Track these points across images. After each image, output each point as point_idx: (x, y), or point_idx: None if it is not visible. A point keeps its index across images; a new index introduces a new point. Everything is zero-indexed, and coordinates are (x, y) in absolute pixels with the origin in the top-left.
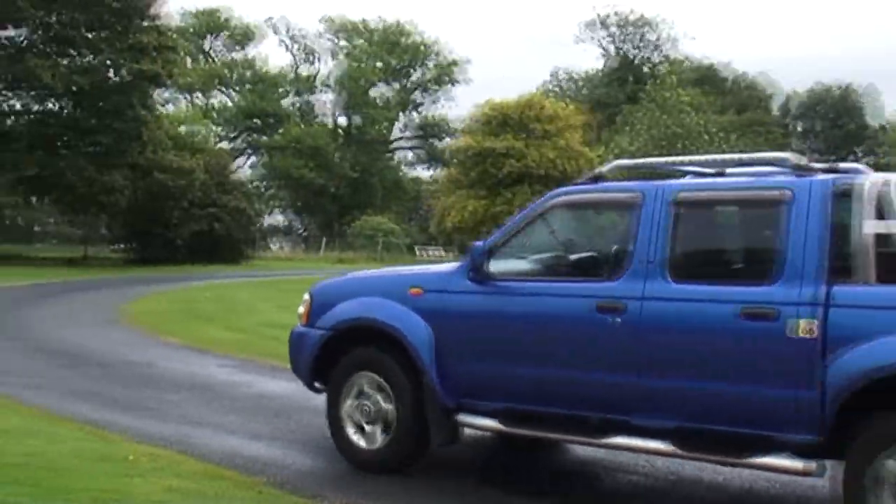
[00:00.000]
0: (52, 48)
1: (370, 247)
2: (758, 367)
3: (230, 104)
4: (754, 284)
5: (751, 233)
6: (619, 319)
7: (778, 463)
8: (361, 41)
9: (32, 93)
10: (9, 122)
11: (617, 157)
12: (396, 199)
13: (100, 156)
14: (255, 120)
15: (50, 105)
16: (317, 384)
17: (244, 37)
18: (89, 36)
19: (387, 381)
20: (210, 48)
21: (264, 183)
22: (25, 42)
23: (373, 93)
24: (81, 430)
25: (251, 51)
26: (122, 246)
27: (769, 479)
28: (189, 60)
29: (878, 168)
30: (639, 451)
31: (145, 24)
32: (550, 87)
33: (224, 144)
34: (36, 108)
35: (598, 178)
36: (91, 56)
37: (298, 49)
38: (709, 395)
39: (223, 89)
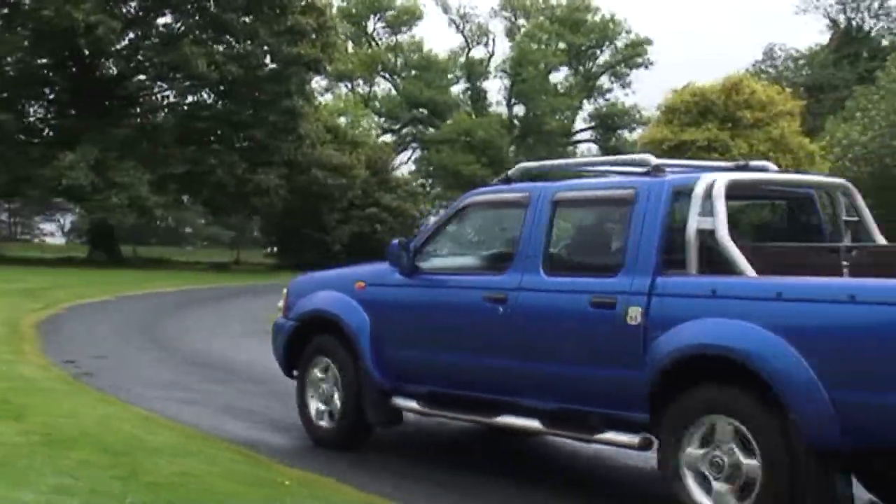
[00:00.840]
0: (207, 34)
1: None
2: (603, 351)
3: (393, 92)
4: (603, 276)
5: (605, 229)
6: (501, 309)
7: (616, 438)
8: (542, 19)
9: (186, 83)
10: (160, 115)
11: (844, 148)
12: None
13: (253, 152)
14: (420, 110)
15: (203, 95)
16: (295, 372)
17: (410, 17)
18: (246, 20)
19: (335, 365)
20: (373, 30)
21: (429, 181)
22: (182, 28)
23: (553, 78)
24: (234, 451)
25: (417, 33)
26: (274, 250)
27: None
28: (350, 45)
29: None
30: (517, 429)
31: (303, 2)
32: (763, 67)
33: (386, 137)
34: (189, 99)
35: (508, 180)
36: (247, 41)
37: (469, 30)
38: (570, 379)
39: (386, 76)
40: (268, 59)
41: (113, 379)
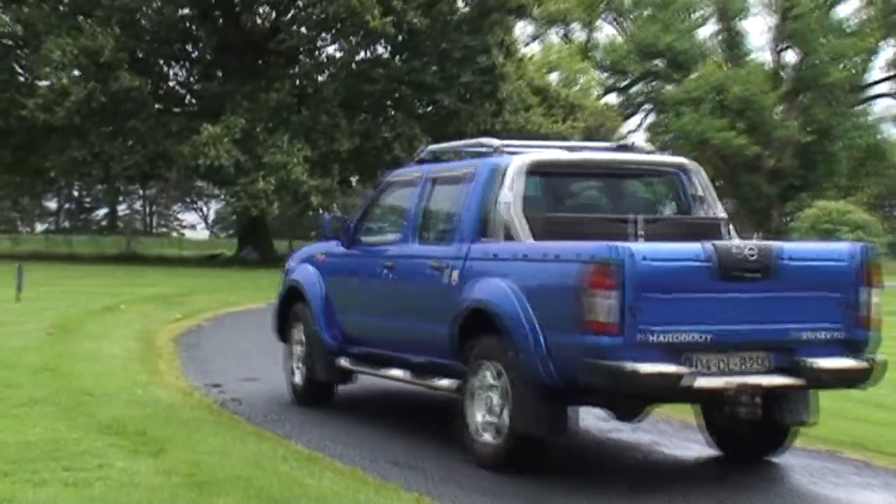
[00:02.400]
0: None
1: None
2: (438, 309)
3: (620, 39)
4: (443, 244)
5: (454, 203)
6: (390, 275)
7: (443, 384)
8: None
9: (356, 36)
10: (323, 76)
11: None
12: (873, 176)
13: (439, 121)
14: (655, 61)
15: (377, 51)
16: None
17: None
18: None
19: (302, 330)
20: None
21: (669, 153)
22: None
23: (838, 12)
24: (414, 501)
25: None
26: None
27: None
28: None
29: None
30: (397, 380)
31: None
32: None
33: (610, 98)
34: (360, 56)
35: (421, 161)
36: None
37: None
38: (424, 334)
39: (611, 18)
40: (460, 3)
41: (267, 408)
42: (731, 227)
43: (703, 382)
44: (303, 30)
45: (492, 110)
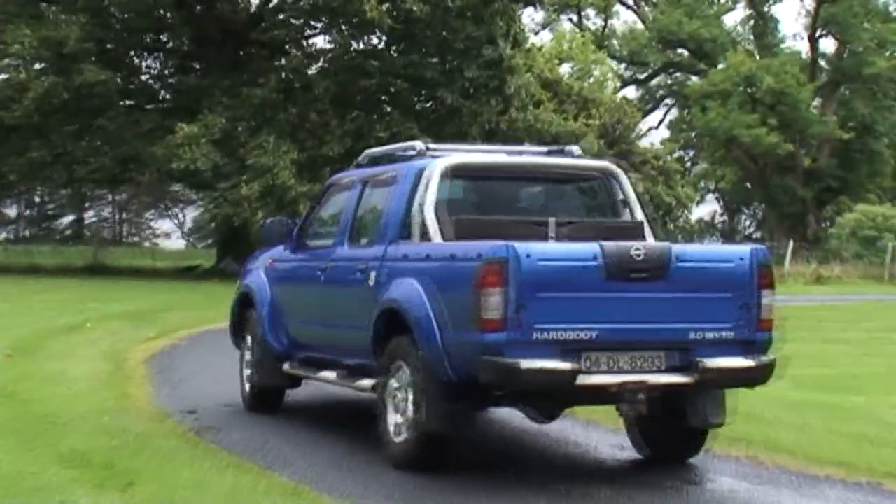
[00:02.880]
0: None
1: (871, 254)
2: (362, 310)
3: (639, 26)
4: (369, 247)
5: (381, 206)
6: (325, 279)
7: (364, 384)
8: None
9: (348, 25)
10: (311, 70)
11: None
12: None
13: (439, 119)
14: (678, 51)
15: (372, 41)
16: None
17: None
18: None
19: (250, 335)
20: None
21: (690, 153)
22: None
23: None
24: None
25: None
26: None
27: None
28: None
29: None
30: (326, 381)
31: None
32: None
33: (629, 92)
34: (352, 47)
35: (359, 165)
36: None
37: None
38: (354, 336)
39: (629, 3)
40: None
41: (248, 436)
42: (652, 230)
43: (588, 380)
44: (290, 18)
45: (498, 108)
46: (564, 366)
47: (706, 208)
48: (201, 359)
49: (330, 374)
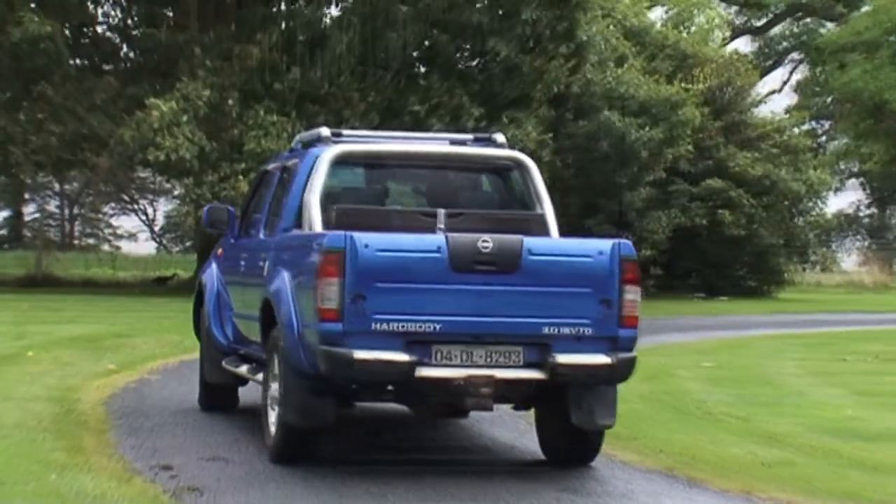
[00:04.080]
0: None
1: None
2: (259, 301)
3: None
4: (271, 236)
5: (284, 196)
6: (245, 268)
7: (259, 378)
8: None
9: None
10: (325, 17)
11: None
12: None
13: (491, 80)
14: None
15: None
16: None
17: None
18: None
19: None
20: None
21: (825, 126)
22: None
23: None
24: None
25: None
26: None
27: None
28: None
29: None
30: (242, 377)
31: None
32: None
33: (742, 45)
34: None
35: (292, 150)
36: None
37: None
38: (255, 328)
39: None
40: None
41: (242, 501)
42: (551, 224)
43: (429, 372)
44: None
45: (569, 65)
46: (402, 357)
47: (847, 197)
48: (178, 399)
49: (243, 369)
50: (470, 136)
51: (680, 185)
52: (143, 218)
